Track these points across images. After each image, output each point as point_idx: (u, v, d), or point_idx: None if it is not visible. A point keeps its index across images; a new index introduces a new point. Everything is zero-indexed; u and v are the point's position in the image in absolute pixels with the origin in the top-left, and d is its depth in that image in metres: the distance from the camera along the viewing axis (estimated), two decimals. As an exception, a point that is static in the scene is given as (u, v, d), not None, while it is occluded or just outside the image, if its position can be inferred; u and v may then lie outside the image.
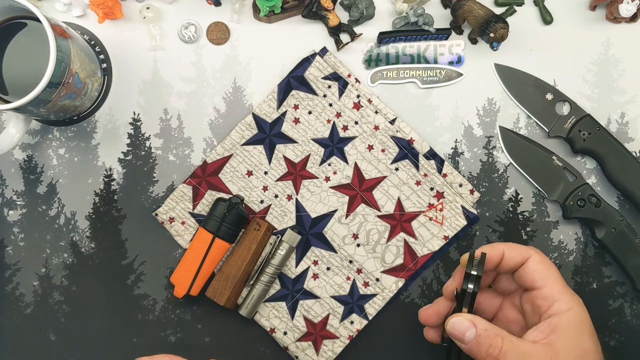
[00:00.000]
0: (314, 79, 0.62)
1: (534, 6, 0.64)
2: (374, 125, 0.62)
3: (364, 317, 0.61)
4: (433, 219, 0.61)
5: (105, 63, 0.62)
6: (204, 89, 0.63)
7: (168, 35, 0.63)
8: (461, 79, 0.63)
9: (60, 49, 0.51)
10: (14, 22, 0.55)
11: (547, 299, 0.48)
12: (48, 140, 0.62)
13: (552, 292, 0.48)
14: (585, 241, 0.63)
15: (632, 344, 0.62)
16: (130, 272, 0.62)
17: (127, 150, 0.62)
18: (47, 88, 0.50)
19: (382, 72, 0.63)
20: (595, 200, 0.61)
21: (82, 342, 0.61)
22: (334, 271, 0.61)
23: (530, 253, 0.50)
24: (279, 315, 0.61)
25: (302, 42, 0.63)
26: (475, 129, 0.63)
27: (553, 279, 0.49)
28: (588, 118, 0.61)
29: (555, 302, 0.48)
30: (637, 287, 0.60)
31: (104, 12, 0.60)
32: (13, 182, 0.62)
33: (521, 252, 0.50)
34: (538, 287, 0.49)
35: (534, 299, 0.49)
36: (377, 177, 0.61)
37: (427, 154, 0.62)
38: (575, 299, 0.49)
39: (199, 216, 0.61)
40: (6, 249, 0.62)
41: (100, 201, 0.62)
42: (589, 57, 0.63)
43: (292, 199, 0.61)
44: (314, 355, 0.60)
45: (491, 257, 0.50)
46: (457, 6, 0.60)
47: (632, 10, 0.60)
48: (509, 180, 0.63)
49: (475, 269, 0.47)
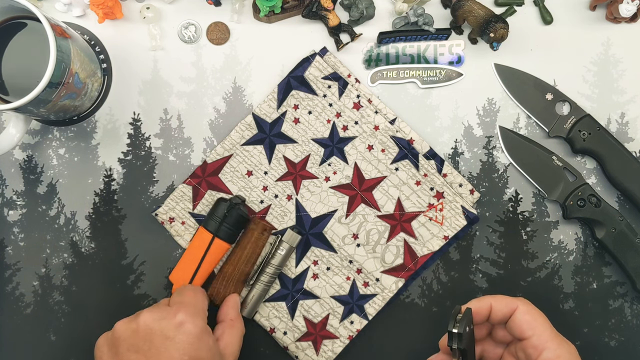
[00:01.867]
0: (314, 79, 0.62)
1: (534, 6, 0.64)
2: (374, 125, 0.62)
3: (364, 317, 0.61)
4: (433, 219, 0.61)
5: (105, 63, 0.62)
6: (204, 89, 0.63)
7: (168, 35, 0.63)
8: (461, 79, 0.63)
9: (60, 49, 0.51)
10: (14, 22, 0.55)
11: (536, 347, 0.49)
12: (48, 140, 0.62)
13: (540, 341, 0.49)
14: (585, 241, 0.63)
15: (632, 344, 0.62)
16: (130, 272, 0.62)
17: (127, 150, 0.62)
18: (47, 88, 0.50)
19: (382, 72, 0.63)
20: (595, 200, 0.61)
21: (82, 342, 0.61)
22: (333, 271, 0.61)
23: (517, 304, 0.51)
24: (279, 315, 0.61)
25: (302, 42, 0.63)
26: (475, 129, 0.63)
27: (541, 327, 0.50)
28: (588, 118, 0.61)
29: (543, 350, 0.49)
30: (637, 287, 0.60)
31: (104, 12, 0.60)
32: (13, 182, 0.62)
33: (508, 303, 0.51)
34: (527, 336, 0.50)
35: (525, 347, 0.50)
36: (377, 177, 0.61)
37: (427, 154, 0.62)
38: (564, 346, 0.50)
39: (199, 216, 0.61)
40: (6, 249, 0.62)
41: (100, 201, 0.62)
42: (589, 57, 0.63)
43: (292, 199, 0.61)
44: (314, 355, 0.60)
45: (479, 310, 0.51)
46: (457, 6, 0.60)
47: (632, 10, 0.60)
48: (509, 180, 0.63)
49: (458, 326, 0.47)
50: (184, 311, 0.51)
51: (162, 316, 0.50)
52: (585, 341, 0.62)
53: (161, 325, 0.50)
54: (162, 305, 0.53)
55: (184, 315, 0.50)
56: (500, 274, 0.62)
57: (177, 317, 0.50)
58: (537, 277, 0.62)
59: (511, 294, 0.62)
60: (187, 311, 0.51)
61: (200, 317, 0.52)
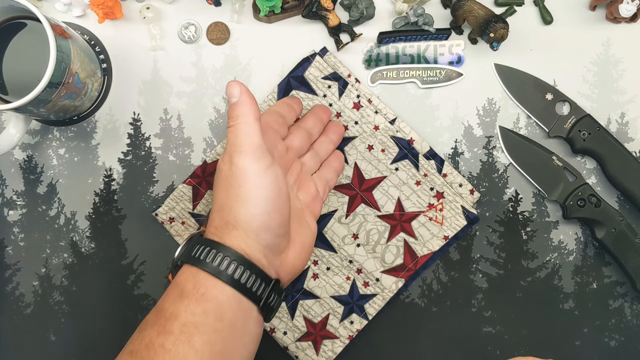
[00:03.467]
0: (314, 79, 0.62)
1: (534, 6, 0.64)
2: (373, 125, 0.62)
3: (364, 317, 0.61)
4: (433, 219, 0.61)
5: (105, 63, 0.62)
6: (204, 89, 0.63)
7: (168, 35, 0.63)
8: (461, 79, 0.63)
9: (60, 49, 0.51)
10: (14, 22, 0.55)
11: None
12: (48, 140, 0.62)
13: None
14: (585, 241, 0.63)
15: (632, 344, 0.62)
16: (130, 272, 0.62)
17: (127, 150, 0.62)
18: (47, 88, 0.50)
19: (382, 72, 0.63)
20: (595, 200, 0.61)
21: (82, 342, 0.61)
22: (333, 271, 0.61)
23: None
24: (278, 315, 0.61)
25: (302, 42, 0.63)
26: (475, 129, 0.63)
27: None
28: (588, 118, 0.61)
29: None
30: (637, 287, 0.60)
31: (104, 12, 0.60)
32: (13, 182, 0.62)
33: None
34: None
35: None
36: (377, 177, 0.61)
37: (427, 154, 0.62)
38: None
39: (199, 216, 0.61)
40: (6, 249, 0.62)
41: (100, 201, 0.62)
42: (589, 57, 0.63)
43: (292, 199, 0.61)
44: (314, 355, 0.60)
45: None
46: (457, 6, 0.60)
47: (632, 10, 0.60)
48: (509, 180, 0.63)
49: None
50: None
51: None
52: (585, 341, 0.62)
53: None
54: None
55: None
56: (500, 274, 0.62)
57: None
58: (537, 277, 0.62)
59: (511, 293, 0.62)
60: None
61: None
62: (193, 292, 0.45)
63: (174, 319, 0.44)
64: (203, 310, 0.45)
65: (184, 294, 0.46)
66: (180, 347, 0.43)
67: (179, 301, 0.45)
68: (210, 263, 0.46)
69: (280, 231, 0.49)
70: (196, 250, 0.47)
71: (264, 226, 0.48)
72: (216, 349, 0.44)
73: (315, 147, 0.59)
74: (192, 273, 0.46)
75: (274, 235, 0.49)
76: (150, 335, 0.45)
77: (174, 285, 0.47)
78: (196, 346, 0.44)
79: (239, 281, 0.46)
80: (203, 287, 0.45)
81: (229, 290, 0.46)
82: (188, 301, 0.45)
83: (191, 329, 0.44)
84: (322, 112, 0.60)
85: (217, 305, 0.45)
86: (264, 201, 0.48)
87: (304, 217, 0.55)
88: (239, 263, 0.46)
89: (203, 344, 0.44)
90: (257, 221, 0.48)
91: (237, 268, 0.46)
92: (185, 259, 0.48)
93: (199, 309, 0.45)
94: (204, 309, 0.45)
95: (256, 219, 0.47)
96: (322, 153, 0.59)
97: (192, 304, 0.45)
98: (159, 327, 0.45)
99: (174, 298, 0.46)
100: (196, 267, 0.46)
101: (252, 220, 0.47)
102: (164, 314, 0.45)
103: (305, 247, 0.53)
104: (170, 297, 0.46)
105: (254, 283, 0.47)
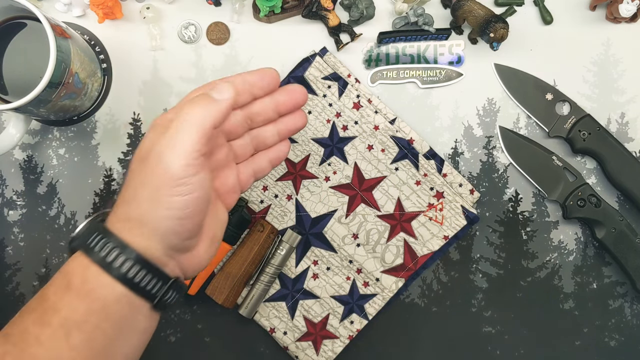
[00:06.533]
0: (313, 79, 0.62)
1: (534, 6, 0.64)
2: (373, 125, 0.62)
3: (364, 317, 0.61)
4: (433, 218, 0.61)
5: (105, 63, 0.62)
6: (204, 89, 0.63)
7: (168, 35, 0.63)
8: (461, 79, 0.63)
9: (60, 49, 0.51)
10: (14, 22, 0.55)
11: None
12: (48, 140, 0.62)
13: None
14: (585, 241, 0.63)
15: (632, 344, 0.62)
16: (130, 272, 0.62)
17: (127, 150, 0.62)
18: (47, 88, 0.50)
19: (382, 72, 0.63)
20: (595, 200, 0.61)
21: (82, 342, 0.61)
22: (333, 271, 0.61)
23: None
24: (278, 315, 0.61)
25: (302, 42, 0.63)
26: (475, 129, 0.63)
27: None
28: (588, 118, 0.61)
29: None
30: (637, 287, 0.60)
31: (104, 12, 0.60)
32: (13, 182, 0.62)
33: None
34: None
35: None
36: (377, 177, 0.61)
37: (427, 153, 0.62)
38: None
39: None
40: (6, 249, 0.62)
41: (100, 201, 0.62)
42: (589, 57, 0.63)
43: (292, 198, 0.61)
44: (314, 355, 0.60)
45: None
46: (457, 6, 0.60)
47: (632, 10, 0.60)
48: (509, 180, 0.63)
49: None
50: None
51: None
52: (585, 341, 0.62)
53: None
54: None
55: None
56: (500, 274, 0.62)
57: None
58: (537, 277, 0.62)
59: (511, 293, 0.62)
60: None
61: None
62: (80, 287, 0.41)
63: (54, 312, 0.41)
64: (87, 308, 0.41)
65: (70, 286, 0.42)
66: (55, 343, 0.40)
67: (63, 292, 0.42)
68: (104, 258, 0.41)
69: (190, 235, 0.45)
70: (93, 239, 0.42)
71: (172, 231, 0.43)
72: (96, 348, 0.41)
73: (253, 134, 0.51)
74: (83, 265, 0.42)
75: (182, 239, 0.44)
76: (27, 322, 0.41)
77: (63, 273, 0.43)
78: (73, 344, 0.40)
79: (132, 280, 0.42)
80: (91, 284, 0.41)
81: (119, 288, 0.41)
82: (73, 296, 0.41)
83: (71, 325, 0.40)
84: (286, 100, 0.51)
85: (103, 305, 0.41)
86: (179, 209, 0.42)
87: (216, 208, 0.48)
88: (136, 262, 0.42)
89: (81, 342, 0.40)
90: (166, 225, 0.43)
91: (132, 266, 0.42)
92: (80, 244, 0.43)
93: (83, 306, 0.41)
94: (89, 308, 0.41)
95: (166, 223, 0.42)
96: (260, 141, 0.52)
97: (76, 301, 0.41)
98: (37, 315, 0.41)
99: (60, 288, 0.42)
100: (89, 258, 0.42)
101: (160, 223, 0.43)
102: (46, 303, 0.42)
103: (215, 239, 0.48)
104: (55, 286, 0.42)
105: (150, 282, 0.42)
